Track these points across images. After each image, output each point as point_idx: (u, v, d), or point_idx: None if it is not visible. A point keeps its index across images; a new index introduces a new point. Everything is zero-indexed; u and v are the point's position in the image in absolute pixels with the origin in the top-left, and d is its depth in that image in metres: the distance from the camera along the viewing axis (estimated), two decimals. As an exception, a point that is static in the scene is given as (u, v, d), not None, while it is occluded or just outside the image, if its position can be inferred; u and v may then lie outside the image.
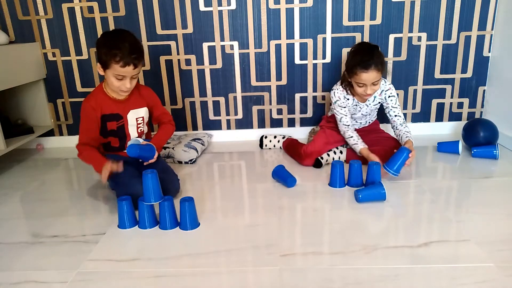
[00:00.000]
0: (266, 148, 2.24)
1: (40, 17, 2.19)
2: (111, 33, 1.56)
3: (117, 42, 1.49)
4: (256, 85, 2.30)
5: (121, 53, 1.47)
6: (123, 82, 1.54)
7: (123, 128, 1.65)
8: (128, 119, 1.65)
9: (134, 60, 1.50)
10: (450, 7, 2.14)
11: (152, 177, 1.37)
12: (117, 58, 1.47)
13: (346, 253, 1.21)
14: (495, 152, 1.91)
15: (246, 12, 2.16)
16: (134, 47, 1.50)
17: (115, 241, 1.34)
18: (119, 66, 1.48)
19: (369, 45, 1.80)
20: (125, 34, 1.54)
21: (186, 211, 1.37)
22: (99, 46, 1.52)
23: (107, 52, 1.48)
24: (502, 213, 1.42)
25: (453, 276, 1.09)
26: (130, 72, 1.51)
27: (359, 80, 1.75)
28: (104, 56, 1.49)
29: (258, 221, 1.44)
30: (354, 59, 1.75)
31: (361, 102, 1.90)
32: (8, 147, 1.98)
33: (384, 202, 1.51)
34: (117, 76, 1.52)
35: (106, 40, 1.52)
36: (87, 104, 1.59)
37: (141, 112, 1.69)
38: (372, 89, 1.77)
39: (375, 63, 1.70)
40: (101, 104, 1.60)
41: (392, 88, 1.88)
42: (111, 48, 1.48)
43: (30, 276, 1.17)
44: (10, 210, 1.62)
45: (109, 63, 1.49)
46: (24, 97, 2.31)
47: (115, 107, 1.62)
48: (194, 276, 1.14)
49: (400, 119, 1.88)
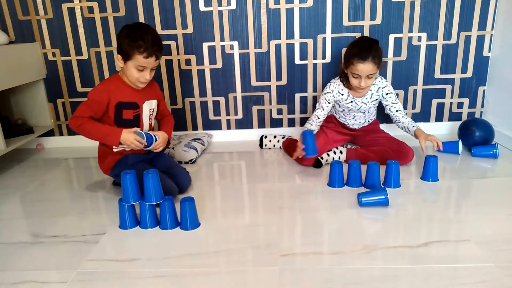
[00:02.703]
0: (266, 148, 2.24)
1: (40, 17, 2.19)
2: (133, 26, 1.59)
3: (141, 34, 1.53)
4: (256, 85, 2.30)
5: (145, 44, 1.51)
6: (143, 74, 1.57)
7: (139, 118, 1.66)
8: (143, 109, 1.67)
9: (156, 51, 1.55)
10: (450, 7, 2.14)
11: (152, 177, 1.37)
12: (141, 49, 1.51)
13: (346, 253, 1.21)
14: (495, 151, 1.91)
15: (246, 12, 2.16)
16: (156, 39, 1.56)
17: (115, 241, 1.34)
18: (142, 57, 1.52)
19: (369, 38, 1.83)
20: (147, 27, 1.59)
21: (187, 211, 1.37)
22: (122, 37, 1.55)
23: (130, 43, 1.52)
24: (502, 213, 1.42)
25: (453, 276, 1.09)
26: (152, 63, 1.56)
27: (354, 71, 1.76)
28: (127, 47, 1.53)
29: (258, 221, 1.44)
30: (353, 49, 1.77)
31: (357, 97, 1.90)
32: (8, 147, 1.98)
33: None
34: (138, 67, 1.55)
35: (130, 32, 1.55)
36: (103, 86, 1.60)
37: (153, 104, 1.72)
38: (366, 82, 1.77)
39: (373, 56, 1.72)
40: (120, 90, 1.61)
41: (389, 85, 1.89)
42: (135, 39, 1.51)
43: (30, 276, 1.17)
44: (10, 210, 1.62)
45: (132, 54, 1.53)
46: (24, 97, 2.31)
47: (132, 95, 1.63)
48: (194, 276, 1.14)
49: (401, 113, 1.90)
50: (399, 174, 1.66)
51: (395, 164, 1.64)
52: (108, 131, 1.55)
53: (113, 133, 1.53)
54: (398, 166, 1.65)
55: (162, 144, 1.64)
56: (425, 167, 1.71)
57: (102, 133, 1.55)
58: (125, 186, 1.38)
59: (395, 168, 1.64)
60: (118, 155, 1.66)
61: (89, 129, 1.54)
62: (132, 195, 1.39)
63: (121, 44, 1.55)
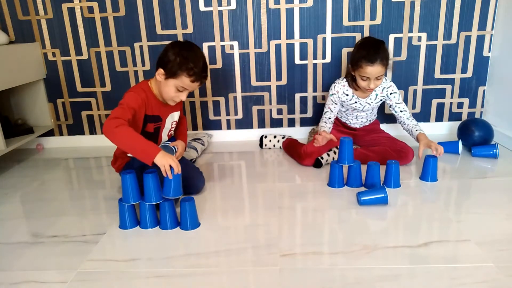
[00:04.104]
0: (266, 148, 2.24)
1: (40, 17, 2.19)
2: (186, 44, 1.53)
3: (194, 57, 1.48)
4: (256, 85, 2.30)
5: (196, 68, 1.47)
6: (181, 94, 1.53)
7: (158, 131, 1.64)
8: (166, 123, 1.65)
9: (203, 78, 1.52)
10: (450, 7, 2.14)
11: (152, 177, 1.37)
12: (191, 72, 1.47)
13: (346, 253, 1.21)
14: (495, 151, 1.91)
15: (246, 12, 2.16)
16: (206, 65, 1.53)
17: (115, 241, 1.34)
18: (189, 80, 1.48)
19: (375, 40, 1.81)
20: (199, 49, 1.54)
21: (187, 211, 1.37)
22: (172, 54, 1.48)
23: (182, 63, 1.46)
24: (502, 213, 1.42)
25: (453, 276, 1.09)
26: (194, 87, 1.52)
27: (363, 74, 1.75)
28: (176, 66, 1.46)
29: (258, 221, 1.44)
30: (360, 52, 1.75)
31: (361, 98, 1.90)
32: (8, 147, 1.98)
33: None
34: (180, 87, 1.51)
35: (183, 51, 1.48)
36: (139, 96, 1.50)
37: (176, 116, 1.70)
38: (375, 84, 1.77)
39: (381, 57, 1.71)
40: (150, 102, 1.56)
41: (393, 85, 1.88)
42: (187, 61, 1.46)
43: (30, 276, 1.17)
44: (10, 210, 1.62)
45: (179, 74, 1.47)
46: (24, 97, 2.31)
47: (157, 109, 1.59)
48: (194, 276, 1.14)
49: (406, 114, 1.88)
50: (399, 174, 1.66)
51: (395, 164, 1.64)
52: (145, 147, 1.35)
53: (149, 151, 1.34)
54: (398, 166, 1.65)
55: (181, 154, 1.64)
56: (425, 167, 1.71)
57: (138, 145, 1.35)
58: (125, 186, 1.38)
59: (395, 168, 1.64)
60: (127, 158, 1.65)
61: (127, 134, 1.35)
62: (132, 195, 1.39)
63: (169, 60, 1.47)
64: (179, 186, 1.37)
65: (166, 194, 1.37)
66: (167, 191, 1.36)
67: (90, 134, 2.41)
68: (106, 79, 2.29)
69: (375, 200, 1.49)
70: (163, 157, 1.32)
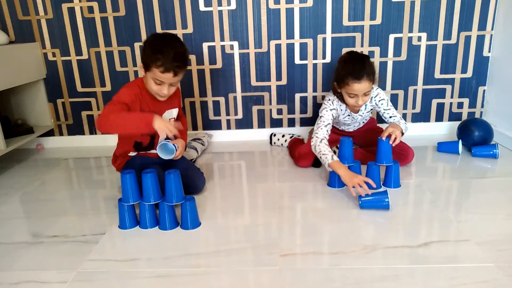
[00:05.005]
0: (275, 145, 2.26)
1: (40, 17, 2.19)
2: (159, 36, 1.53)
3: (162, 47, 1.46)
4: (256, 85, 2.30)
5: (163, 58, 1.44)
6: (161, 88, 1.51)
7: None
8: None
9: (175, 67, 1.46)
10: (450, 7, 2.14)
11: (150, 176, 1.37)
12: (159, 62, 1.44)
13: (346, 253, 1.21)
14: (495, 151, 1.91)
15: (246, 12, 2.16)
16: (178, 55, 1.47)
17: (115, 241, 1.34)
18: (159, 71, 1.46)
19: (360, 54, 1.74)
20: (174, 40, 1.51)
21: (187, 210, 1.37)
22: (145, 47, 1.50)
23: (150, 53, 1.46)
24: (502, 213, 1.42)
25: (453, 276, 1.09)
26: (169, 79, 1.48)
27: (350, 91, 1.68)
28: (147, 58, 1.47)
29: (258, 221, 1.44)
30: (345, 68, 1.67)
31: (354, 113, 1.87)
32: (8, 147, 1.98)
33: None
34: (155, 80, 1.49)
35: (153, 43, 1.49)
36: (132, 91, 1.52)
37: (174, 112, 1.69)
38: (363, 100, 1.71)
39: (367, 73, 1.65)
40: (144, 98, 1.56)
41: (380, 92, 1.82)
42: (155, 51, 1.45)
43: (30, 276, 1.17)
44: (10, 210, 1.62)
45: (150, 66, 1.47)
46: (24, 97, 2.31)
47: (153, 105, 1.59)
48: (194, 276, 1.14)
49: (396, 119, 1.81)
50: (399, 174, 1.66)
51: (395, 164, 1.64)
52: (141, 116, 1.44)
53: (146, 118, 1.41)
54: (398, 166, 1.65)
55: (181, 152, 1.62)
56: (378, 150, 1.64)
57: (134, 118, 1.43)
58: (125, 186, 1.38)
59: (395, 168, 1.64)
60: (127, 157, 1.65)
61: (119, 115, 1.42)
62: (131, 195, 1.39)
63: (144, 53, 1.50)
64: (181, 192, 1.39)
65: (170, 201, 1.38)
66: (170, 198, 1.37)
67: (90, 134, 2.41)
68: (106, 79, 2.29)
69: (376, 206, 1.48)
70: (162, 121, 1.41)
